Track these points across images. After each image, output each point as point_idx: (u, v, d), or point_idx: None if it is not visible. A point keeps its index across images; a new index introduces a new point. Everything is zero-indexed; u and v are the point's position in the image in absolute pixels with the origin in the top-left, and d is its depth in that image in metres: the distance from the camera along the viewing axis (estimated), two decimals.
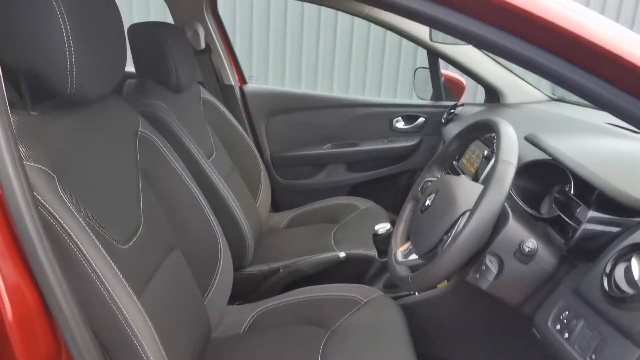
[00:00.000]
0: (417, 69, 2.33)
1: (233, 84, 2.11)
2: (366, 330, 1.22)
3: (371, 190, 2.28)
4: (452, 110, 2.07)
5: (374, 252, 1.63)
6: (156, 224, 1.14)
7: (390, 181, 2.28)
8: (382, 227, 1.49)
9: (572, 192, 1.05)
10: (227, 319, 1.34)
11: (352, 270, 1.61)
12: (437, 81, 2.17)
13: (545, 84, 2.53)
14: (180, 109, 1.59)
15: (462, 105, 2.07)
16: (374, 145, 2.18)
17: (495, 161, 0.92)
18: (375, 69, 4.64)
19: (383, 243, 1.51)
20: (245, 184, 1.87)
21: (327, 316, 1.29)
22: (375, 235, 1.49)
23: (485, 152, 1.41)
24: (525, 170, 1.24)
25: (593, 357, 0.83)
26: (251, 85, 2.20)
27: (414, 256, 1.10)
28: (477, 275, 0.95)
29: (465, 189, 1.05)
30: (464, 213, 0.97)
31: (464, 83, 2.26)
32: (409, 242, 1.16)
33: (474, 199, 0.98)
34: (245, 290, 1.65)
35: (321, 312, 1.32)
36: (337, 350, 1.16)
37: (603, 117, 1.66)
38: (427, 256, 1.05)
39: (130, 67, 1.53)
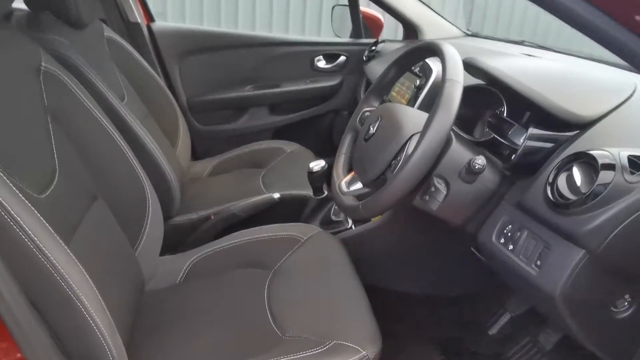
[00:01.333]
0: (334, 6, 2.26)
1: (139, 21, 1.90)
2: (310, 267, 1.20)
3: (295, 132, 2.23)
4: (374, 48, 2.05)
5: (307, 192, 1.60)
6: (74, 171, 1.01)
7: (314, 122, 2.24)
8: (317, 165, 1.46)
9: (504, 114, 1.08)
10: (160, 270, 1.26)
11: (287, 211, 1.58)
12: (357, 19, 2.13)
13: (461, 20, 2.56)
14: (84, 47, 1.40)
15: (383, 42, 2.05)
16: (296, 86, 2.11)
17: (442, 81, 0.91)
18: (298, 7, 4.47)
19: (318, 180, 1.49)
20: (161, 131, 1.73)
21: (267, 257, 1.25)
22: (311, 173, 1.46)
23: (418, 82, 1.41)
24: None
25: (538, 263, 0.88)
26: (160, 24, 2.00)
27: (358, 185, 1.09)
28: (427, 197, 0.96)
29: (409, 114, 1.04)
30: (411, 137, 0.96)
31: (382, 20, 2.24)
32: (352, 173, 1.14)
33: (420, 123, 0.98)
34: (174, 241, 1.55)
35: (261, 253, 1.27)
36: (282, 289, 1.14)
37: (520, 49, 1.74)
38: (374, 183, 1.03)
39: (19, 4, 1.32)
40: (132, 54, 1.71)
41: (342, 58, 2.14)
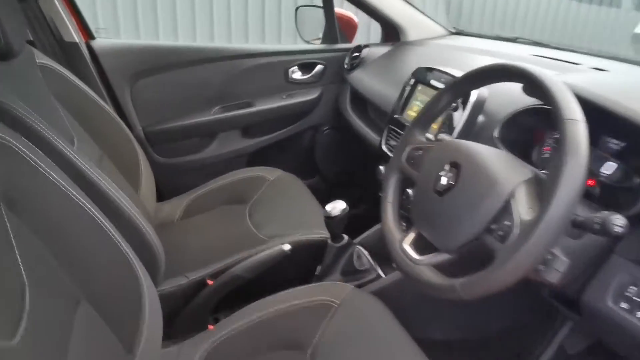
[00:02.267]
0: (298, 7, 2.00)
1: (77, 40, 1.53)
2: (354, 338, 1.02)
3: (273, 155, 1.96)
4: (357, 54, 1.81)
5: (317, 235, 1.35)
6: (47, 277, 0.71)
7: (293, 142, 1.98)
8: (335, 208, 1.21)
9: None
10: None
11: (300, 261, 1.32)
12: (332, 21, 1.88)
13: (442, 16, 2.37)
14: (17, 84, 1.05)
15: (367, 46, 1.83)
16: (271, 104, 1.82)
17: (559, 122, 0.70)
18: (257, 11, 4.01)
19: (339, 226, 1.25)
20: (121, 174, 1.39)
21: (299, 333, 1.04)
22: (329, 218, 1.21)
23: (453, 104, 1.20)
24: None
25: None
26: (103, 41, 1.63)
27: (432, 252, 0.86)
28: (542, 267, 0.75)
29: (497, 158, 0.82)
30: (513, 191, 0.75)
31: (356, 21, 2.01)
32: (412, 233, 0.91)
33: (515, 168, 0.77)
34: (164, 316, 1.24)
35: (290, 329, 1.06)
36: None
37: (515, 47, 1.60)
38: (459, 251, 0.81)
39: None
40: (73, 81, 1.35)
41: (319, 67, 1.88)
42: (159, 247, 1.17)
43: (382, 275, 1.30)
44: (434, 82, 1.27)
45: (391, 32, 1.87)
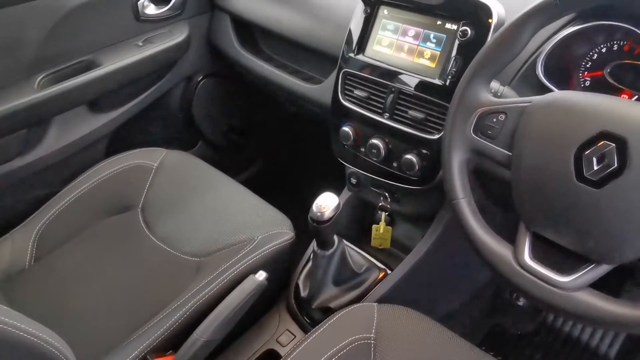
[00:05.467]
0: None
1: None
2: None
3: (140, 130, 1.40)
4: None
5: (285, 237, 0.98)
6: None
7: (163, 107, 1.43)
8: (327, 207, 0.85)
9: None
10: None
11: (271, 285, 0.94)
12: None
13: None
14: None
15: None
16: (124, 58, 1.22)
17: None
18: None
19: (331, 230, 0.89)
20: None
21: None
22: (320, 223, 0.85)
23: (451, 25, 0.85)
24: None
25: None
26: None
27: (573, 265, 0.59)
28: None
29: None
30: None
31: None
32: (525, 237, 0.62)
33: None
34: None
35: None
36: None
37: None
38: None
39: None
40: None
41: None
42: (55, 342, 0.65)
43: (386, 268, 1.01)
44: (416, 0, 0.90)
45: None
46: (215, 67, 1.46)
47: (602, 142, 0.55)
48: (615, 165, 0.54)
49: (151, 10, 1.29)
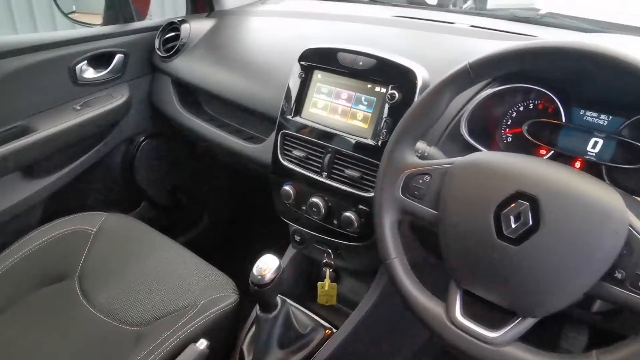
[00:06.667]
0: None
1: None
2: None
3: (78, 194, 1.36)
4: (172, 34, 1.34)
5: (228, 300, 0.97)
6: None
7: (102, 168, 1.40)
8: (268, 269, 0.84)
9: (564, 119, 0.79)
10: None
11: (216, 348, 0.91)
12: None
13: None
14: None
15: (185, 22, 1.35)
16: (61, 121, 1.21)
17: None
18: None
19: (274, 293, 0.88)
20: None
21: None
22: (262, 286, 0.84)
23: (380, 89, 0.90)
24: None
25: None
26: None
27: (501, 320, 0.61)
28: None
29: (585, 179, 0.60)
30: (632, 227, 0.54)
31: None
32: (455, 295, 0.64)
33: (611, 192, 0.57)
34: None
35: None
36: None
37: (386, 10, 1.39)
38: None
39: None
40: None
41: (119, 57, 1.32)
42: None
43: (330, 327, 1.00)
44: (348, 65, 0.95)
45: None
46: (157, 128, 1.46)
47: (518, 201, 0.59)
48: (531, 223, 0.58)
49: (90, 74, 1.29)
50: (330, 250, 1.05)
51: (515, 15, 1.26)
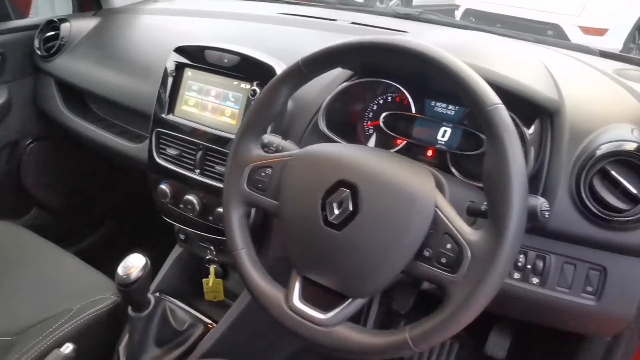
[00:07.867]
0: None
1: None
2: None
3: None
4: (52, 32, 1.29)
5: (106, 302, 0.96)
6: None
7: None
8: (134, 267, 0.84)
9: (413, 110, 0.84)
10: None
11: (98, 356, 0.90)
12: None
13: None
14: None
15: (66, 20, 1.31)
16: None
17: (482, 112, 0.56)
18: None
19: (143, 290, 0.88)
20: None
21: None
22: (127, 285, 0.84)
23: (245, 85, 0.91)
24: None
25: (589, 289, 0.73)
26: None
27: (334, 302, 0.64)
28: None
29: (396, 164, 0.64)
30: (438, 208, 0.59)
31: None
32: (296, 281, 0.67)
33: (422, 176, 0.62)
34: None
35: None
36: None
37: (271, 7, 1.40)
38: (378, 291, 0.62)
39: None
40: None
41: None
42: None
43: (210, 322, 1.01)
44: (215, 62, 0.96)
45: None
46: (44, 131, 1.41)
47: (340, 189, 0.62)
48: (351, 209, 0.61)
49: None
50: (212, 247, 1.06)
51: (396, 12, 1.31)
